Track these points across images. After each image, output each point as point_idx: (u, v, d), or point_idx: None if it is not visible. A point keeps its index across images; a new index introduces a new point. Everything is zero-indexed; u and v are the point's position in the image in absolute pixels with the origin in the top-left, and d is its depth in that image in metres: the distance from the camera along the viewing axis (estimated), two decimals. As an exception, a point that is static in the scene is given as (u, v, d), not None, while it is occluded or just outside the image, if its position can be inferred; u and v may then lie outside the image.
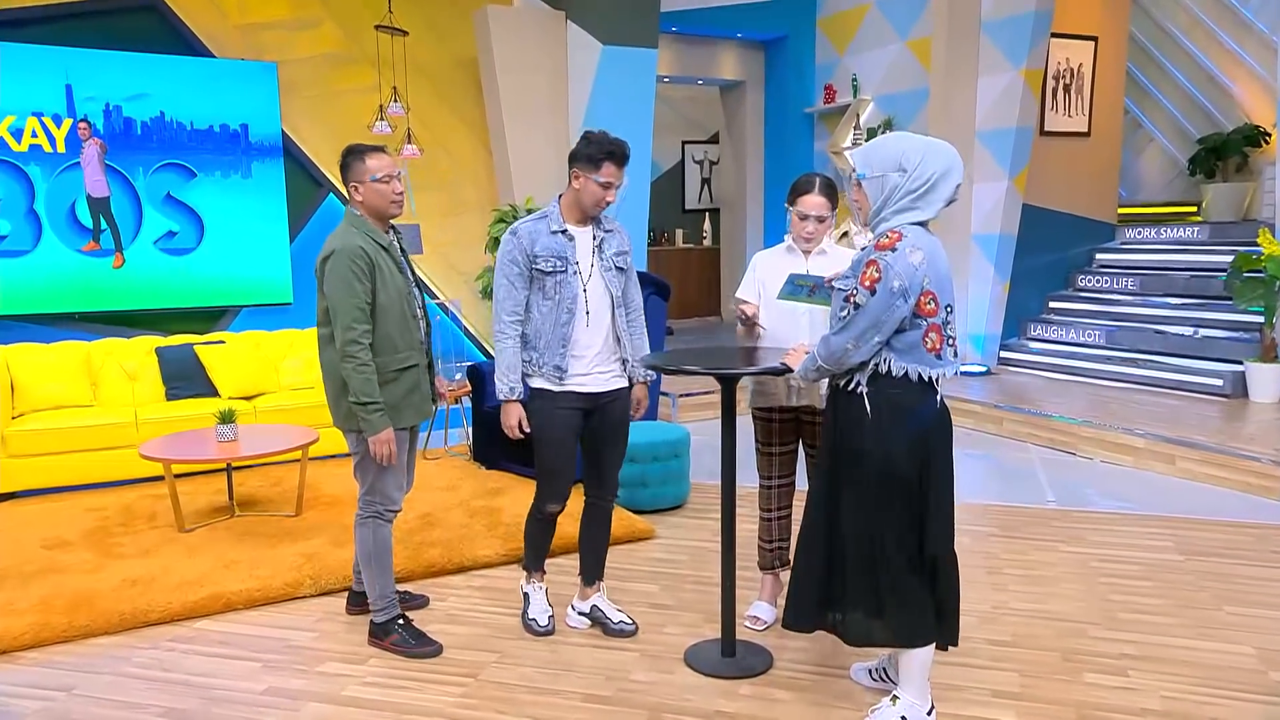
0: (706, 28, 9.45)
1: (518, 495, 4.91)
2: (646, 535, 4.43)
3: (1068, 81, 8.43)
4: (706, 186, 12.46)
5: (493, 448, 5.51)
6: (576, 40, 7.65)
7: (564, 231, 3.09)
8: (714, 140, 12.16)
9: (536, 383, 3.14)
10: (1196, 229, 8.27)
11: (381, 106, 7.68)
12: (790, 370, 2.84)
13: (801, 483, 3.45)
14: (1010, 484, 5.34)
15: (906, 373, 2.52)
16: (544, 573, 3.51)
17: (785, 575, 3.53)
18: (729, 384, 3.04)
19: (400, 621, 3.29)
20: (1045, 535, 4.46)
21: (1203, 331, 7.26)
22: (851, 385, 2.58)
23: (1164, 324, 7.56)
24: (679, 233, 12.10)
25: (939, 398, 2.60)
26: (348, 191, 3.06)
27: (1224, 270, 7.49)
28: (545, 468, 3.20)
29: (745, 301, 3.33)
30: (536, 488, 3.26)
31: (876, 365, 2.53)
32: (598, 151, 3.02)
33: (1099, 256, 8.75)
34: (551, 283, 3.08)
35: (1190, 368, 7.01)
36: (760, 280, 3.35)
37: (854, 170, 2.62)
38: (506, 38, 7.62)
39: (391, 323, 3.03)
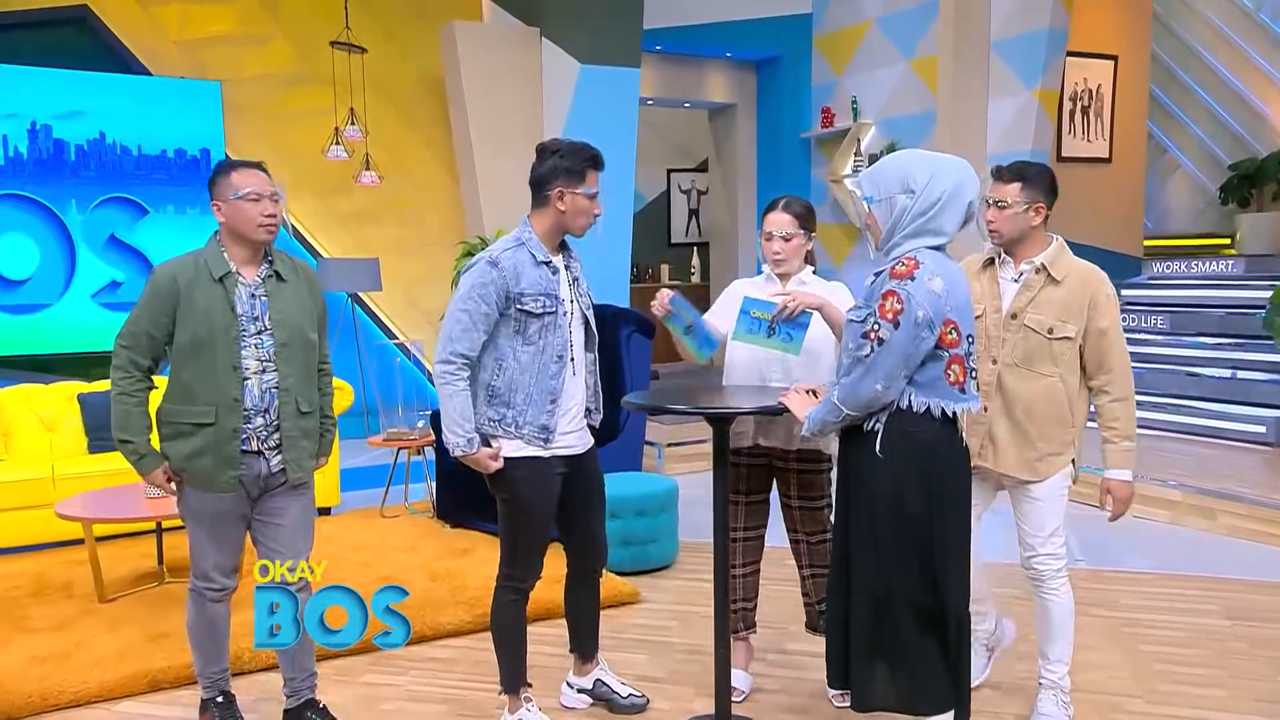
0: (694, 46, 9.59)
1: (485, 556, 4.83)
2: (631, 599, 4.38)
3: (1086, 103, 8.59)
4: (694, 218, 12.55)
5: (458, 504, 5.44)
6: (552, 59, 7.74)
7: (548, 263, 2.95)
8: (702, 168, 12.28)
9: (513, 449, 2.93)
10: (1231, 262, 8.37)
11: (337, 130, 7.72)
12: (785, 411, 2.81)
13: (778, 540, 3.45)
14: (1035, 542, 5.30)
15: (928, 408, 2.50)
16: (530, 684, 3.22)
17: (756, 639, 3.55)
18: (721, 425, 3.00)
19: (219, 700, 3.15)
20: (1076, 598, 4.34)
21: (1240, 374, 7.30)
22: (869, 424, 2.56)
23: (1197, 365, 7.61)
24: (664, 268, 12.15)
25: (960, 435, 2.58)
26: (214, 211, 2.97)
27: (1262, 307, 7.56)
28: (526, 544, 3.03)
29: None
30: (509, 563, 3.05)
31: (898, 402, 2.52)
32: (577, 161, 2.93)
33: (1124, 293, 8.81)
34: (537, 327, 2.91)
35: (1227, 413, 7.03)
36: (733, 307, 3.29)
37: (862, 194, 2.64)
38: (476, 56, 7.69)
39: (194, 370, 2.85)
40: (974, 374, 2.59)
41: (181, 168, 6.82)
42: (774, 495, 3.37)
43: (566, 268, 3.03)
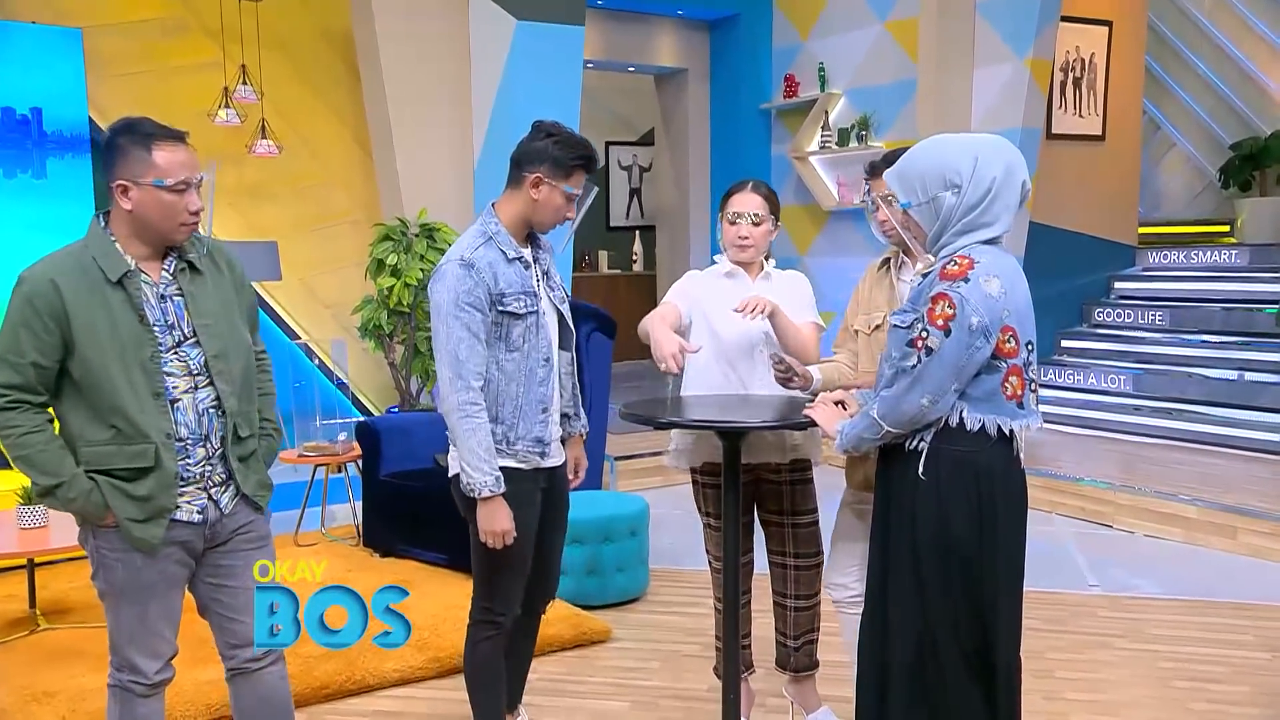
0: (639, 3, 9.55)
1: (429, 590, 4.74)
2: (602, 637, 4.37)
3: (1078, 74, 8.77)
4: (636, 198, 12.52)
5: (389, 530, 5.31)
6: (483, 13, 7.60)
7: (520, 259, 2.99)
8: (646, 141, 12.25)
9: (502, 463, 2.95)
10: (1234, 252, 8.65)
11: (227, 90, 7.49)
12: (812, 425, 2.80)
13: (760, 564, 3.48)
14: (1040, 564, 5.33)
15: (983, 426, 2.49)
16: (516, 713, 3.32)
17: (755, 681, 3.56)
18: (734, 441, 2.99)
19: None
20: (1096, 629, 4.49)
21: (1247, 375, 7.53)
22: (913, 443, 2.54)
23: (1200, 366, 7.83)
24: (603, 255, 12.09)
25: (1018, 457, 2.58)
26: (108, 191, 2.55)
27: (1265, 302, 7.82)
28: (510, 566, 3.04)
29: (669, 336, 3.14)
30: (485, 595, 3.07)
31: (947, 418, 2.50)
32: (571, 156, 2.93)
33: (1118, 285, 9.06)
34: (521, 329, 2.94)
35: (1237, 419, 7.25)
36: (694, 298, 3.33)
37: (894, 199, 2.65)
38: (393, 7, 7.52)
39: (99, 404, 2.51)
40: (1033, 387, 2.59)
41: (7, 128, 6.62)
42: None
43: (536, 261, 3.06)
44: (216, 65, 7.72)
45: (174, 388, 2.56)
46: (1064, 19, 8.29)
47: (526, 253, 3.02)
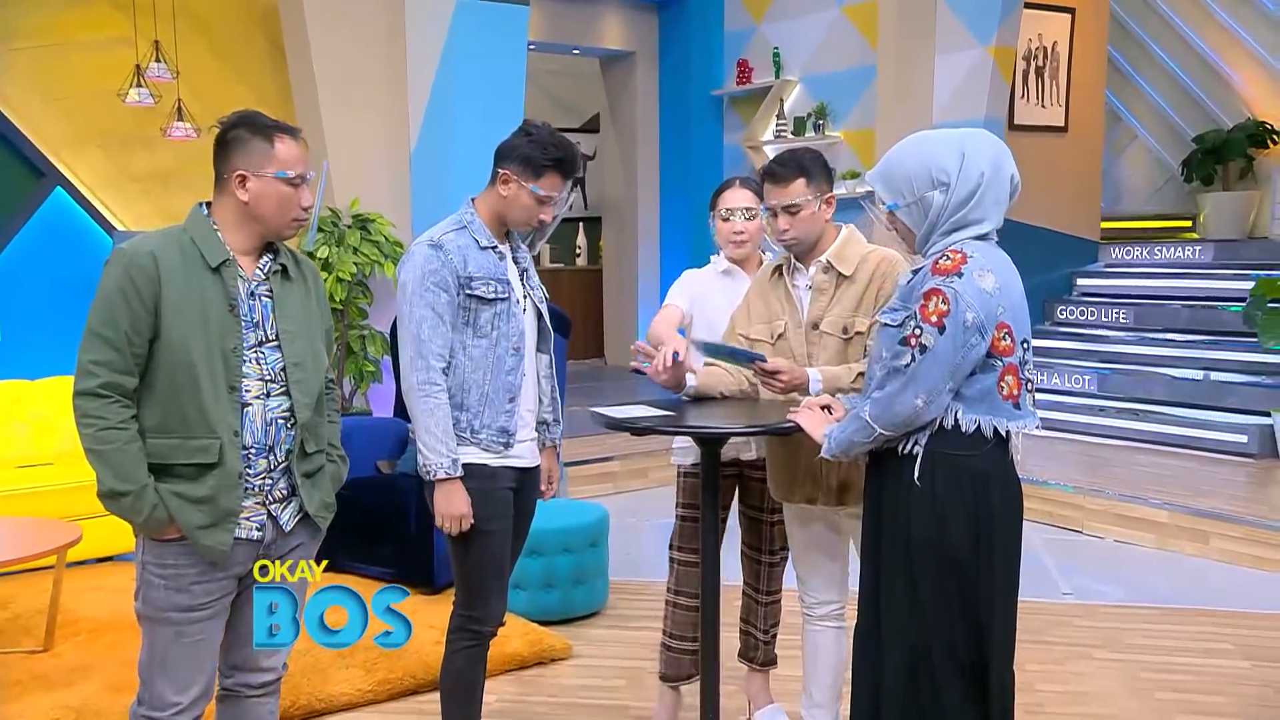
0: (584, -19, 9.54)
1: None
2: (562, 654, 4.35)
3: (1040, 63, 8.93)
4: (580, 188, 12.49)
5: (328, 542, 5.21)
6: (421, -11, 7.52)
7: (494, 248, 3.06)
8: (590, 128, 12.22)
9: (469, 456, 3.00)
10: (1198, 248, 8.86)
11: (139, 68, 7.34)
12: (797, 430, 2.80)
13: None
14: (1012, 573, 5.48)
15: (979, 427, 2.52)
16: None
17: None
18: (714, 447, 3.01)
19: None
20: (1073, 639, 4.56)
21: (1213, 375, 7.72)
22: (906, 446, 2.55)
23: (1166, 366, 8.01)
24: (545, 249, 12.04)
25: (1014, 460, 2.61)
26: (218, 181, 2.61)
27: (1230, 299, 8.01)
28: (487, 569, 3.06)
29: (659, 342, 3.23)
30: (465, 603, 3.08)
31: (941, 420, 2.52)
32: (541, 155, 2.97)
33: (1080, 282, 9.24)
34: (489, 315, 3.00)
35: (1202, 420, 7.42)
36: (694, 298, 3.51)
37: (880, 202, 2.67)
38: (322, -19, 7.41)
39: (174, 390, 2.50)
40: (1030, 386, 2.62)
41: None
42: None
43: (515, 259, 3.13)
44: (127, 41, 7.56)
45: (246, 391, 2.56)
46: (1026, 5, 8.43)
47: (503, 247, 3.09)
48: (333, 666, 4.07)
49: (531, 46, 9.66)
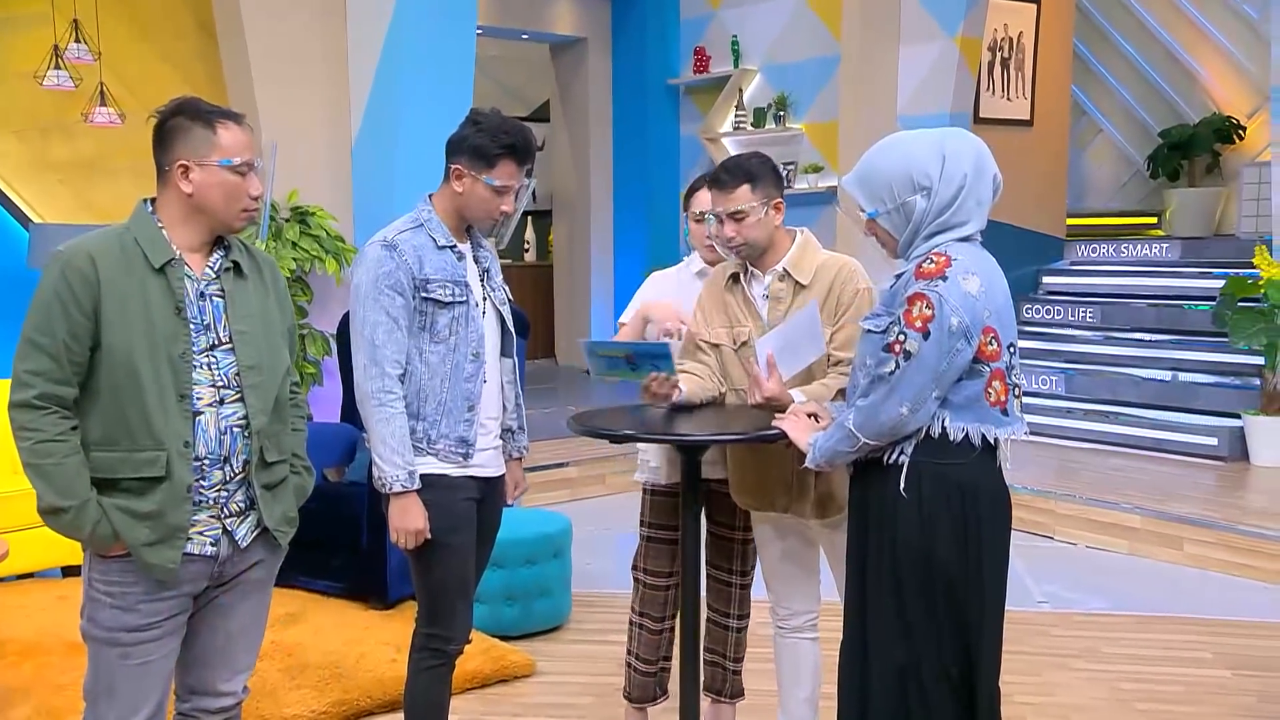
0: (534, -37, 9.50)
1: (323, 624, 4.63)
2: (525, 672, 4.33)
3: (1005, 55, 9.03)
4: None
5: (272, 555, 5.17)
6: (363, -31, 7.45)
7: (453, 248, 3.00)
8: (540, 117, 12.17)
9: (427, 466, 2.97)
10: (1165, 246, 9.01)
11: (57, 49, 7.20)
12: (782, 437, 2.81)
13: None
14: (984, 581, 5.54)
15: (966, 435, 2.54)
16: None
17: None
18: (694, 455, 3.01)
19: None
20: (1051, 649, 4.62)
21: (1181, 375, 7.87)
22: (892, 456, 2.57)
23: (1133, 366, 8.15)
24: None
25: (1002, 469, 2.63)
26: (160, 174, 2.56)
27: (1197, 298, 8.17)
28: (449, 585, 3.03)
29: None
30: (428, 619, 3.05)
31: (928, 428, 2.54)
32: (491, 144, 2.90)
33: (1046, 280, 9.36)
34: (446, 319, 2.95)
35: (1170, 421, 7.55)
36: (650, 304, 3.50)
37: (860, 210, 2.67)
38: (256, -43, 7.31)
39: (117, 400, 2.45)
40: (1017, 392, 2.64)
41: None
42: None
43: (476, 258, 3.09)
44: (44, 19, 7.40)
45: (198, 399, 2.49)
46: (994, -6, 8.54)
47: (463, 246, 3.03)
48: (281, 687, 4.01)
49: (478, 31, 9.61)
